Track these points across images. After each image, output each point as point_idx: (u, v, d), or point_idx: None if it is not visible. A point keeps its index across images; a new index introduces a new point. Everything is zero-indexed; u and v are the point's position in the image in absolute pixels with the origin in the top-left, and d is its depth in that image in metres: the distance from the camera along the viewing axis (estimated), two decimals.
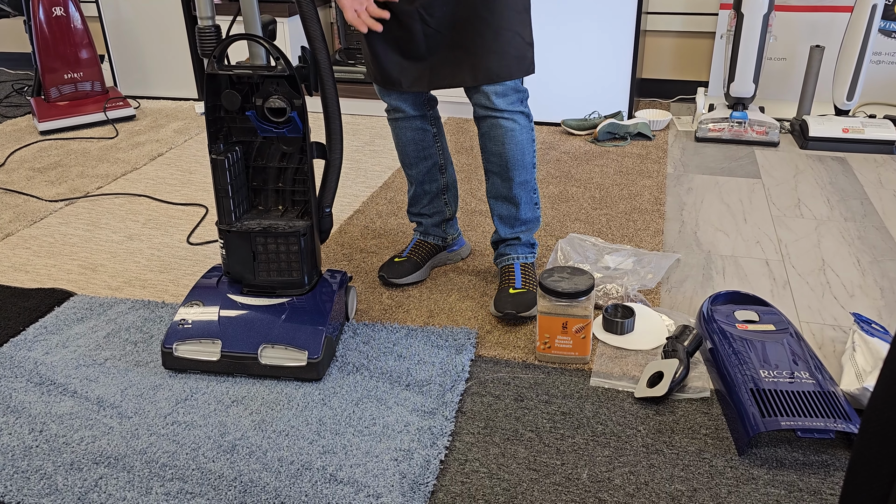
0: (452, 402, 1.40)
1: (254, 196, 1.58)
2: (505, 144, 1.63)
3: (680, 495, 1.19)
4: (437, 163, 1.80)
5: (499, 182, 1.69)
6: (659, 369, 1.43)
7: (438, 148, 1.79)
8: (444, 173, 1.82)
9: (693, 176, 2.54)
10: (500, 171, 1.67)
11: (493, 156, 1.66)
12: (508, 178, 1.67)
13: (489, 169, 1.69)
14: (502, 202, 1.71)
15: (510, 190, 1.68)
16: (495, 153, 1.65)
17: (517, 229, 1.74)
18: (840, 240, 2.06)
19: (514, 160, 1.64)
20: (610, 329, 1.60)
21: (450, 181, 1.84)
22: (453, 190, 1.86)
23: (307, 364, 1.44)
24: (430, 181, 1.81)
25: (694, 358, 1.53)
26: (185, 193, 2.43)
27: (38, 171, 2.62)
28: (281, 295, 1.54)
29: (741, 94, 2.85)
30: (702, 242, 2.05)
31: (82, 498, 1.19)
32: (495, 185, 1.70)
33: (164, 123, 3.17)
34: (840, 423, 1.24)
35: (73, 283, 1.88)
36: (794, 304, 1.74)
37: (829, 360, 1.52)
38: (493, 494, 1.20)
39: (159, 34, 3.35)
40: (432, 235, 1.88)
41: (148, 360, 1.54)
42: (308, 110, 1.47)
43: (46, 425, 1.35)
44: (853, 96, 2.80)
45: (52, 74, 3.05)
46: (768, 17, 2.73)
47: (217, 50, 1.42)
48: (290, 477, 1.23)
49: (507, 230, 1.74)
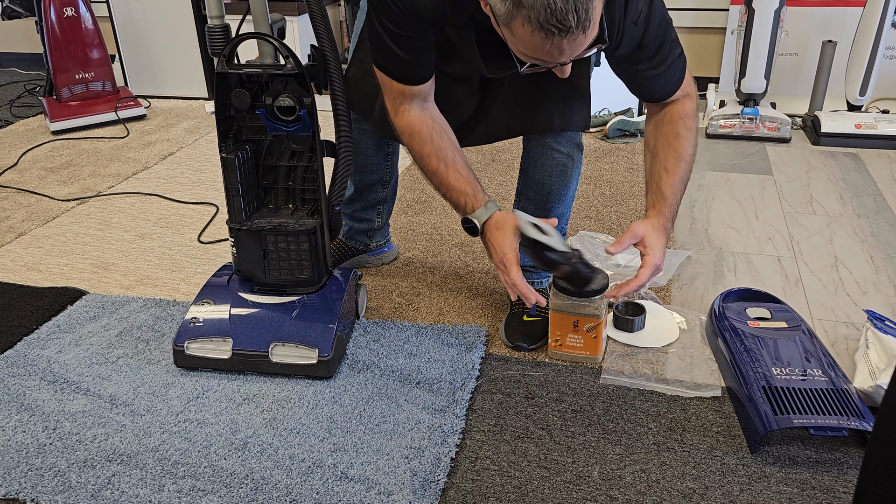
0: (463, 400, 1.40)
1: (264, 194, 1.58)
2: (552, 176, 1.53)
3: (692, 493, 1.19)
4: (382, 178, 1.76)
5: (531, 209, 1.57)
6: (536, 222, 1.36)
7: (388, 165, 1.74)
8: (385, 188, 1.78)
9: (704, 172, 2.52)
10: (536, 200, 1.57)
11: (533, 183, 1.55)
12: (545, 208, 1.57)
13: (525, 193, 1.58)
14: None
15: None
16: (537, 181, 1.55)
17: None
18: (853, 236, 2.04)
19: (556, 193, 1.55)
20: (620, 326, 1.59)
21: (389, 195, 1.80)
22: (390, 203, 1.83)
23: (318, 362, 1.44)
24: (369, 192, 1.77)
25: (704, 354, 1.52)
26: (195, 192, 2.44)
27: (50, 171, 2.64)
28: (291, 293, 1.55)
29: (752, 89, 2.83)
30: (713, 239, 2.04)
31: (95, 495, 1.19)
32: (527, 211, 1.56)
33: (174, 123, 3.18)
34: (853, 421, 1.23)
35: (86, 281, 1.89)
36: (807, 301, 1.73)
37: (841, 358, 1.51)
38: (503, 492, 1.20)
39: (169, 34, 3.37)
40: (354, 240, 1.86)
41: (160, 358, 1.55)
42: (318, 109, 1.47)
43: (60, 423, 1.36)
44: (866, 92, 2.78)
45: (63, 74, 3.07)
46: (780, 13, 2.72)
47: (227, 49, 1.43)
48: (301, 474, 1.23)
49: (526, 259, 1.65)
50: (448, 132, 1.39)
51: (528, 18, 1.03)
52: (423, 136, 1.37)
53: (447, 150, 1.37)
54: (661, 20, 1.27)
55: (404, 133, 1.39)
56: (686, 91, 1.40)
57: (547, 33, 1.03)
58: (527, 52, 1.10)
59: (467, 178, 1.38)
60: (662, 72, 1.34)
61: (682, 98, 1.41)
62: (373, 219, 1.83)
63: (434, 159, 1.37)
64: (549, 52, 1.07)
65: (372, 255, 1.90)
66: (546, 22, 1.02)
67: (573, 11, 1.01)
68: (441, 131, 1.38)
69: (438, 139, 1.37)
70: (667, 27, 1.30)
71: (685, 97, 1.41)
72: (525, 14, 1.02)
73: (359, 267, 1.91)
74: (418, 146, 1.38)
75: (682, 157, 1.39)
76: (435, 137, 1.37)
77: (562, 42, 1.05)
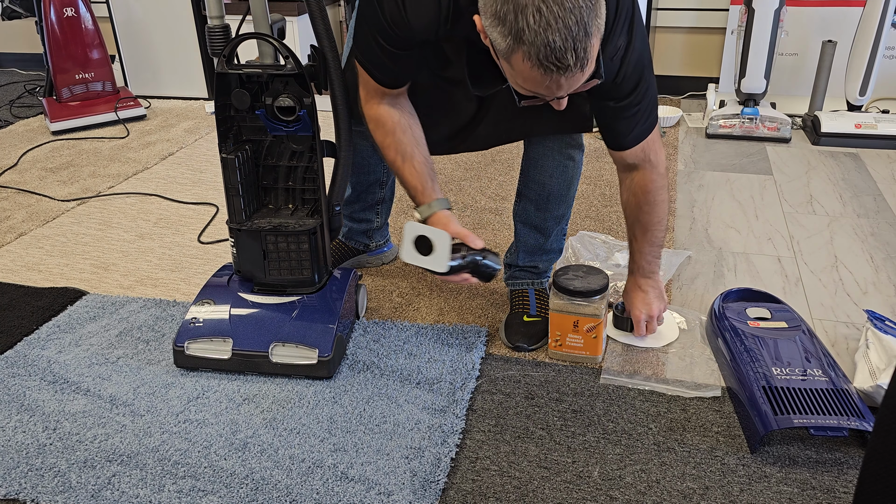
0: (463, 400, 1.40)
1: (264, 195, 1.58)
2: (553, 177, 1.55)
3: (692, 493, 1.19)
4: (380, 179, 1.77)
5: (532, 210, 1.60)
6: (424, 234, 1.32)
7: (385, 166, 1.75)
8: (383, 188, 1.79)
9: (704, 173, 2.52)
10: (537, 201, 1.58)
11: (534, 183, 1.57)
12: (546, 209, 1.58)
13: (525, 194, 1.59)
14: (530, 230, 1.62)
15: (544, 221, 1.60)
16: (538, 182, 1.56)
17: (538, 258, 1.66)
18: (853, 236, 2.04)
19: (557, 194, 1.56)
20: (620, 326, 1.59)
21: (387, 195, 1.81)
22: (389, 203, 1.84)
23: (318, 362, 1.44)
24: (368, 193, 1.78)
25: (704, 354, 1.52)
26: (195, 192, 2.44)
27: (50, 171, 2.64)
28: (291, 293, 1.55)
29: (752, 89, 2.83)
30: (713, 239, 2.04)
31: (95, 495, 1.19)
32: (527, 211, 1.61)
33: (174, 123, 3.18)
34: (853, 421, 1.23)
35: (86, 282, 1.89)
36: (807, 301, 1.73)
37: (842, 358, 1.51)
38: (503, 492, 1.20)
39: (169, 34, 3.37)
40: (354, 240, 1.87)
41: (160, 358, 1.55)
42: (317, 109, 1.47)
43: (60, 423, 1.36)
44: (866, 91, 2.78)
45: (63, 75, 3.07)
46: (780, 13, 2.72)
47: (227, 49, 1.43)
48: (302, 475, 1.23)
49: (527, 258, 1.66)
50: (413, 127, 1.41)
51: (528, 55, 1.04)
52: (386, 129, 1.39)
53: (407, 146, 1.39)
54: (639, 61, 1.28)
55: (370, 121, 1.41)
56: (649, 157, 1.41)
57: (546, 70, 1.05)
58: (525, 86, 1.12)
59: (420, 173, 1.40)
60: (629, 115, 1.35)
61: (645, 167, 1.42)
62: (372, 219, 1.83)
63: (392, 151, 1.40)
64: (548, 87, 1.09)
65: (372, 255, 1.90)
66: (545, 59, 1.03)
67: (572, 50, 1.03)
68: (405, 127, 1.40)
69: (401, 134, 1.39)
70: (643, 70, 1.30)
71: (648, 166, 1.42)
72: (525, 50, 1.04)
73: (359, 267, 1.91)
74: (381, 137, 1.40)
75: (648, 226, 1.49)
76: (398, 131, 1.39)
77: (560, 79, 1.07)
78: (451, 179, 2.49)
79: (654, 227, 1.48)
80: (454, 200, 2.31)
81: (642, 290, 1.55)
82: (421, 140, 1.42)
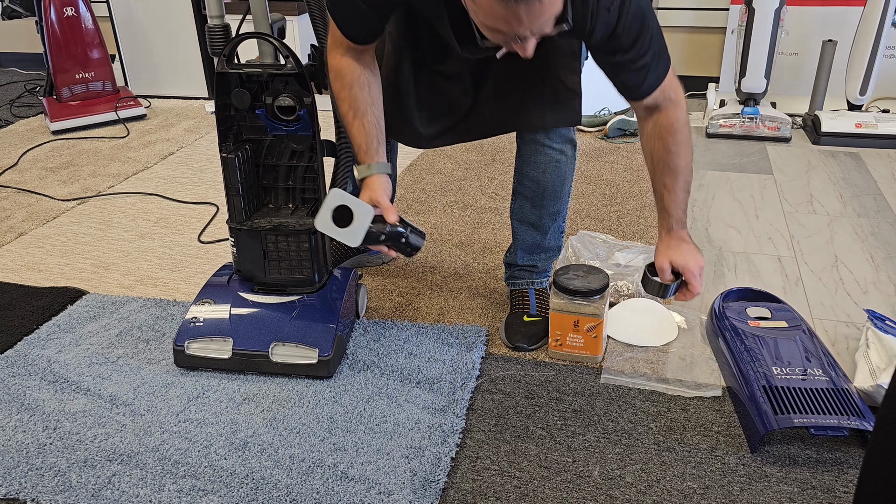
0: (463, 400, 1.39)
1: (264, 194, 1.58)
2: (546, 173, 1.55)
3: (692, 493, 1.19)
4: None
5: (528, 207, 1.60)
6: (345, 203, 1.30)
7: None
8: None
9: (704, 172, 2.52)
10: (532, 198, 1.58)
11: (528, 180, 1.57)
12: (541, 205, 1.58)
13: (520, 192, 1.59)
14: (527, 228, 1.62)
15: (540, 218, 1.60)
16: (532, 178, 1.56)
17: (537, 257, 1.66)
18: (853, 236, 2.04)
19: (551, 190, 1.56)
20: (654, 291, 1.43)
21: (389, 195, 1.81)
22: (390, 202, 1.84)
23: (318, 362, 1.44)
24: None
25: (704, 354, 1.52)
26: (195, 192, 2.44)
27: (50, 171, 2.64)
28: (291, 293, 1.55)
29: (752, 89, 2.83)
30: (713, 239, 2.04)
31: (96, 495, 1.19)
32: (523, 209, 1.61)
33: (174, 122, 3.18)
34: (854, 421, 1.23)
35: (86, 281, 1.89)
36: (807, 300, 1.73)
37: (842, 357, 1.51)
38: (504, 492, 1.20)
39: (169, 33, 3.37)
40: None
41: (160, 357, 1.55)
42: (318, 108, 1.47)
43: (60, 423, 1.36)
44: (866, 91, 2.77)
45: (63, 74, 3.07)
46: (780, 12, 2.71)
47: (227, 48, 1.43)
48: (302, 474, 1.23)
49: (526, 257, 1.66)
50: (371, 86, 1.40)
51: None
52: (344, 81, 1.39)
53: (361, 103, 1.39)
54: (638, 9, 1.25)
55: (331, 70, 1.40)
56: (669, 95, 1.37)
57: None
58: (486, 23, 1.11)
59: (367, 133, 1.40)
60: (640, 66, 1.31)
61: (667, 106, 1.37)
62: None
63: (346, 105, 1.40)
64: (508, 20, 1.08)
65: (371, 254, 1.90)
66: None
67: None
68: (363, 83, 1.39)
69: (358, 90, 1.38)
70: (644, 18, 1.27)
71: (670, 104, 1.37)
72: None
73: (359, 266, 1.91)
74: (338, 89, 1.40)
75: (677, 172, 1.39)
76: (355, 87, 1.38)
77: (518, 9, 1.05)
78: (452, 179, 2.49)
79: (685, 170, 1.39)
80: (455, 200, 2.32)
81: (686, 241, 1.42)
82: (377, 100, 1.41)
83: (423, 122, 1.52)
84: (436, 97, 1.49)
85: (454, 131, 1.54)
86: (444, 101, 1.50)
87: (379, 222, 1.34)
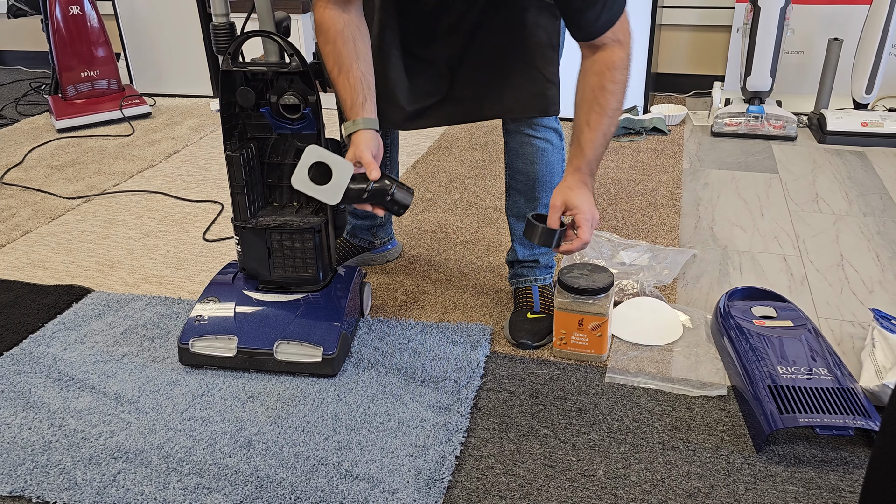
0: (468, 399, 1.39)
1: (269, 192, 1.58)
2: (535, 164, 1.56)
3: (696, 492, 1.18)
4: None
5: (522, 201, 1.61)
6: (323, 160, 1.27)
7: (387, 158, 1.74)
8: None
9: (709, 171, 2.52)
10: (525, 191, 1.60)
11: (519, 174, 1.58)
12: (534, 198, 1.59)
13: (513, 187, 1.61)
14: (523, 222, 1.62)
15: (534, 210, 1.60)
16: (522, 171, 1.58)
17: (537, 251, 1.66)
18: (859, 235, 2.04)
19: (542, 180, 1.57)
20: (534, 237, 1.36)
21: None
22: None
23: (322, 360, 1.44)
24: None
25: (709, 353, 1.52)
26: (200, 190, 2.44)
27: (55, 169, 2.64)
28: (296, 291, 1.55)
29: (758, 88, 2.82)
30: (718, 238, 2.04)
31: (101, 492, 1.20)
32: (518, 203, 1.62)
33: (179, 121, 3.18)
34: (859, 420, 1.22)
35: (91, 279, 1.89)
36: (813, 299, 1.73)
37: (847, 357, 1.50)
38: (508, 490, 1.20)
39: (174, 32, 3.37)
40: (359, 237, 1.87)
41: (165, 356, 1.55)
42: (322, 107, 1.47)
43: (65, 420, 1.36)
44: (872, 90, 2.76)
45: (69, 72, 3.08)
46: (786, 10, 2.70)
47: (231, 47, 1.43)
48: (306, 472, 1.23)
49: (526, 252, 1.66)
50: (356, 40, 1.39)
51: None
52: (328, 36, 1.37)
53: (346, 58, 1.37)
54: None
55: (316, 25, 1.39)
56: (617, 37, 1.34)
57: None
58: None
59: (353, 88, 1.38)
60: (593, 3, 1.29)
61: (612, 45, 1.34)
62: (376, 217, 1.83)
63: (331, 60, 1.38)
64: None
65: (376, 252, 1.90)
66: None
67: None
68: (348, 37, 1.37)
69: (342, 44, 1.37)
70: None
71: (616, 44, 1.35)
72: None
73: (363, 265, 1.91)
74: (322, 43, 1.39)
75: (606, 111, 1.35)
76: (339, 41, 1.37)
77: None
78: (456, 177, 2.48)
79: (612, 114, 1.36)
80: (459, 198, 2.31)
81: (588, 188, 1.38)
82: (363, 54, 1.40)
83: (406, 97, 1.52)
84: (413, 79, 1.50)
85: (433, 115, 1.55)
86: (418, 82, 1.51)
87: (361, 180, 1.30)
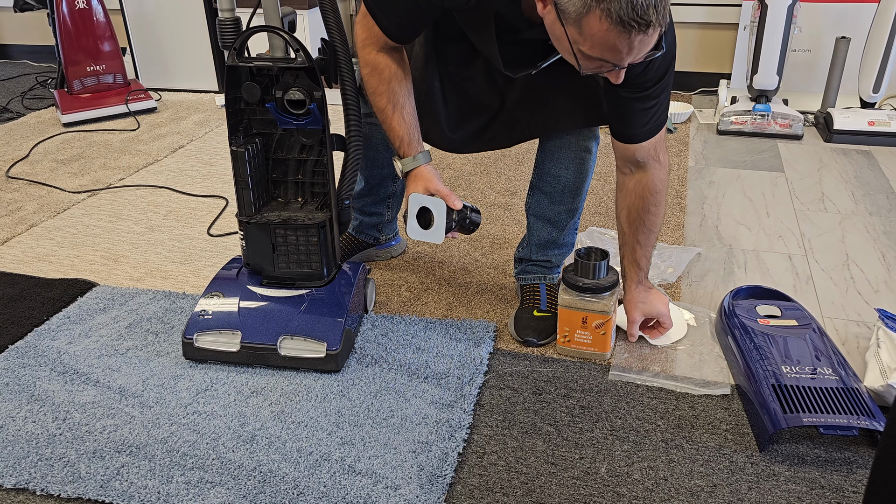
0: (471, 395, 1.39)
1: (273, 188, 1.58)
2: (569, 170, 1.53)
3: (699, 490, 1.18)
4: (392, 173, 1.75)
5: (546, 203, 1.58)
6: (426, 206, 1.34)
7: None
8: (395, 181, 1.79)
9: (715, 169, 2.51)
10: (551, 193, 1.56)
11: (549, 176, 1.55)
12: (559, 201, 1.57)
13: (539, 187, 1.58)
14: (544, 223, 1.61)
15: (557, 214, 1.58)
16: (554, 175, 1.54)
17: (551, 252, 1.65)
18: (865, 234, 2.03)
19: (572, 187, 1.55)
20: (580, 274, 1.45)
21: (399, 188, 1.81)
22: (399, 197, 1.84)
23: (326, 356, 1.45)
24: (380, 186, 1.78)
25: (713, 351, 1.51)
26: (205, 185, 2.44)
27: (61, 163, 2.65)
28: (300, 286, 1.55)
29: (765, 86, 2.81)
30: (723, 236, 2.03)
31: (104, 486, 1.20)
32: (541, 204, 1.59)
33: (184, 115, 3.19)
34: (864, 420, 1.22)
35: (96, 273, 1.90)
36: (818, 299, 1.72)
37: (852, 357, 1.50)
38: (511, 487, 1.20)
39: (180, 27, 3.37)
40: (364, 234, 1.87)
41: (169, 350, 1.56)
42: (328, 102, 1.47)
43: (70, 414, 1.37)
44: (879, 89, 2.75)
45: (74, 67, 3.08)
46: (793, 8, 2.69)
47: (237, 42, 1.43)
48: (309, 467, 1.23)
49: (540, 252, 1.65)
50: (406, 80, 1.41)
51: (607, 12, 1.01)
52: (382, 77, 1.39)
53: (400, 96, 1.40)
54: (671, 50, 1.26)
55: (366, 66, 1.40)
56: (658, 155, 1.41)
57: (625, 27, 1.02)
58: (592, 52, 1.09)
59: (408, 125, 1.41)
60: (648, 108, 1.33)
61: (654, 167, 1.42)
62: (383, 213, 1.83)
63: (384, 99, 1.40)
64: (619, 49, 1.06)
65: (381, 248, 1.90)
66: (626, 16, 1.01)
67: (653, 7, 1.01)
68: (401, 78, 1.40)
69: (396, 84, 1.39)
70: (672, 62, 1.29)
71: (657, 165, 1.42)
72: (605, 8, 1.01)
73: (367, 261, 1.91)
74: (375, 83, 1.40)
75: (653, 230, 1.48)
76: (393, 81, 1.39)
77: (635, 39, 1.04)
78: (461, 174, 2.48)
79: (657, 229, 1.49)
80: (464, 195, 2.31)
81: (652, 289, 1.56)
82: (412, 93, 1.43)
83: (451, 125, 1.52)
84: (462, 97, 1.50)
85: (481, 138, 1.54)
86: (467, 103, 1.50)
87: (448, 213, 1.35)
